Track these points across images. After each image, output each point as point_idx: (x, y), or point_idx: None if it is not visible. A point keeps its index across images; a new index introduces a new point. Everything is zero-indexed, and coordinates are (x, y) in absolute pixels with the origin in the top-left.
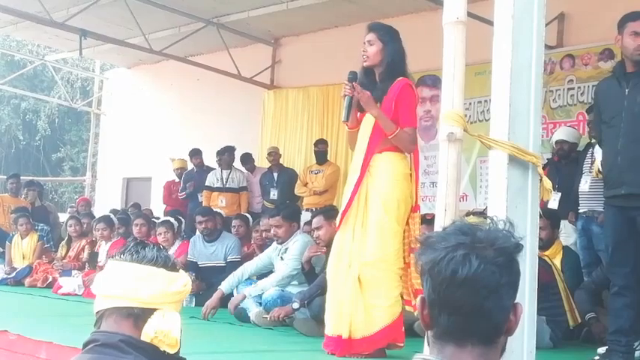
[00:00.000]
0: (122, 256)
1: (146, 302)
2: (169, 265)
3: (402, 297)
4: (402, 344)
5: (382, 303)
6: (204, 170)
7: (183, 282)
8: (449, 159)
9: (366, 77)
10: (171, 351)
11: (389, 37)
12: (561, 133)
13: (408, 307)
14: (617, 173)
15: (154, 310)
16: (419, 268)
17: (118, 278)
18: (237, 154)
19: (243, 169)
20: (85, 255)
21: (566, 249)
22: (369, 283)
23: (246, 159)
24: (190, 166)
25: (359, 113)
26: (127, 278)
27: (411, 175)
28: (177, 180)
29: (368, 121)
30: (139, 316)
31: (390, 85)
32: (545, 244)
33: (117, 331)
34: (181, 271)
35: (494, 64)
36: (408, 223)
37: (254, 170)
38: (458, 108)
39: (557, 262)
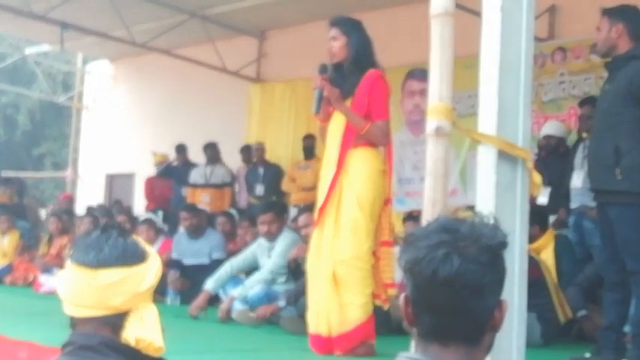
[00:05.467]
0: (85, 257)
1: (119, 308)
2: (137, 258)
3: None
4: (374, 341)
5: (356, 300)
6: (188, 165)
7: (154, 270)
8: (436, 153)
9: (337, 72)
10: (157, 355)
11: (351, 29)
12: (548, 128)
13: (378, 302)
14: (589, 169)
15: (130, 311)
16: (401, 265)
17: (85, 287)
18: (224, 150)
19: (226, 165)
20: (66, 253)
21: (559, 237)
22: (343, 281)
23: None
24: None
25: (331, 108)
26: (94, 287)
27: (384, 169)
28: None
29: (340, 116)
30: (116, 322)
31: (360, 78)
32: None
33: (95, 333)
34: (150, 253)
35: (482, 57)
36: (380, 216)
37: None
38: (446, 101)
39: (548, 252)
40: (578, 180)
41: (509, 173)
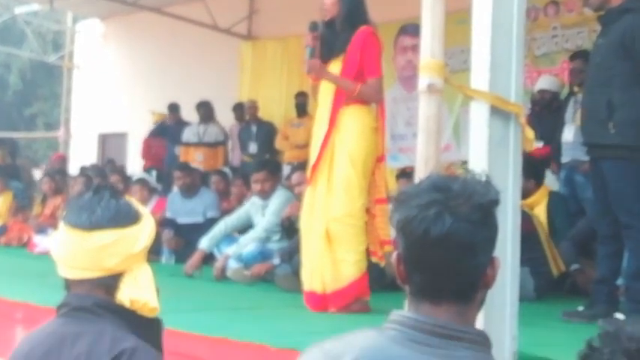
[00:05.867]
0: (77, 219)
1: (113, 270)
2: (130, 219)
3: (367, 249)
4: (368, 298)
5: (349, 257)
6: (181, 124)
7: (147, 231)
8: (429, 111)
9: (329, 29)
10: (151, 316)
11: None
12: (543, 82)
13: (374, 259)
14: (581, 123)
15: (124, 272)
16: (393, 224)
17: (78, 249)
18: (217, 108)
19: (219, 123)
20: (60, 213)
21: (552, 194)
22: (336, 238)
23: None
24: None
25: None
26: (87, 249)
27: (376, 127)
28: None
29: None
30: (110, 283)
31: (352, 35)
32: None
33: (90, 294)
34: (143, 214)
35: (474, 12)
36: (373, 174)
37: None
38: (438, 58)
39: (541, 208)
40: (569, 134)
41: (502, 129)
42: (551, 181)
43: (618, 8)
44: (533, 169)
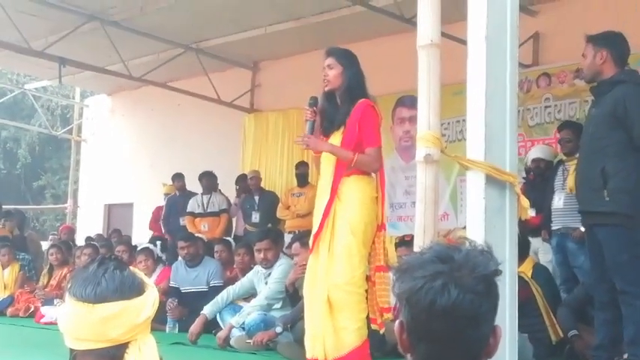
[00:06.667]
0: (83, 291)
1: (118, 340)
2: (135, 291)
3: (367, 316)
4: None
5: (350, 325)
6: (186, 194)
7: (151, 302)
8: (426, 180)
9: (328, 101)
10: None
11: (347, 60)
12: (537, 151)
13: (373, 326)
14: (577, 191)
15: (128, 342)
16: (396, 294)
17: (83, 321)
18: (220, 179)
19: (223, 193)
20: (66, 283)
21: (536, 265)
22: (337, 306)
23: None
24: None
25: (323, 137)
26: (93, 322)
27: (377, 197)
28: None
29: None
30: (115, 353)
31: (352, 108)
32: None
33: None
34: (147, 284)
35: (468, 85)
36: (373, 242)
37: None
38: (434, 129)
39: None
40: (559, 201)
41: (498, 198)
42: (547, 249)
43: (610, 80)
44: (518, 241)
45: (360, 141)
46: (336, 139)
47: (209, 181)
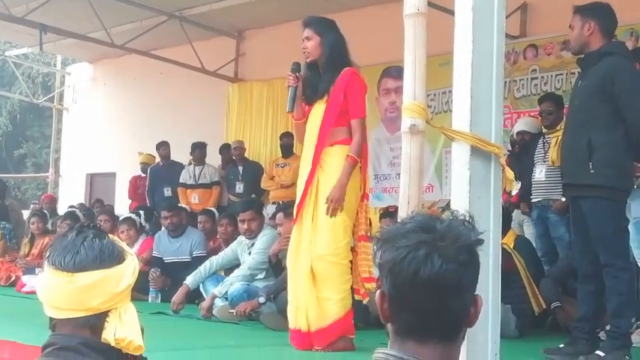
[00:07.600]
0: (62, 260)
1: (98, 309)
2: (114, 259)
3: (351, 287)
4: (353, 336)
5: (334, 296)
6: (170, 164)
7: (131, 270)
8: (411, 151)
9: (311, 71)
10: (137, 354)
11: (325, 28)
12: (522, 124)
13: (356, 296)
14: (561, 163)
15: (108, 311)
16: (377, 262)
17: (63, 291)
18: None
19: (214, 164)
20: (45, 252)
21: (518, 238)
22: (321, 277)
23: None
24: (156, 161)
25: (306, 106)
26: (72, 291)
27: (360, 166)
28: (142, 175)
29: (316, 114)
30: (95, 322)
31: (336, 76)
32: None
33: (75, 334)
34: (127, 253)
35: (455, 56)
36: (357, 212)
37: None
38: (420, 100)
39: None
40: (540, 174)
41: (483, 169)
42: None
43: (598, 52)
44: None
45: (345, 110)
46: (319, 108)
47: (202, 152)
